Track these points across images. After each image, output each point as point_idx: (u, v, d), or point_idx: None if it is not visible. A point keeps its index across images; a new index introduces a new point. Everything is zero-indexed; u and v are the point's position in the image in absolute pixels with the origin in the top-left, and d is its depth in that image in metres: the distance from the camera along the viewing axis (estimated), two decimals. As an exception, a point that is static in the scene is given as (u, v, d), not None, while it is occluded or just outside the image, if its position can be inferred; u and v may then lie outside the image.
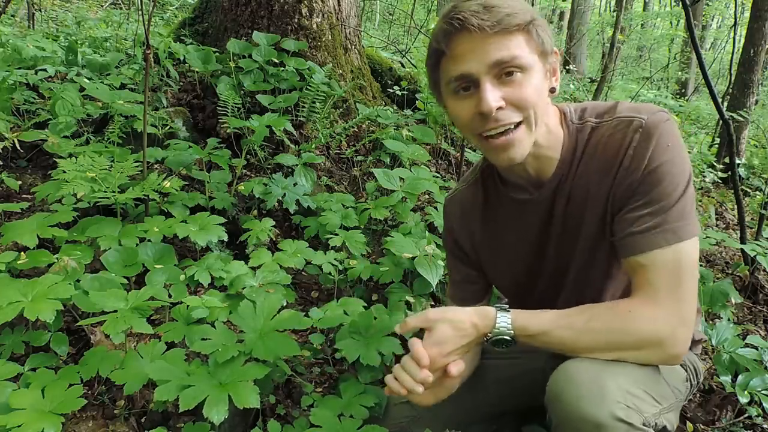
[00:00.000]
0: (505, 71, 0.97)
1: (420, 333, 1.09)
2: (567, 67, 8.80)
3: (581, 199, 1.09)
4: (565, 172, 1.10)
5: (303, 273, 2.09)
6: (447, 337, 1.05)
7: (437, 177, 2.55)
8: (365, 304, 1.73)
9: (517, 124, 1.01)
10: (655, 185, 1.00)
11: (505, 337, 1.04)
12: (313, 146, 2.57)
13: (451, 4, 0.99)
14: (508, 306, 1.07)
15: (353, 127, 2.79)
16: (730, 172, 2.96)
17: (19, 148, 2.19)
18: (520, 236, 1.21)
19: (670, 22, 15.02)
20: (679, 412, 1.19)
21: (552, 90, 1.06)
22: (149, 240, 1.77)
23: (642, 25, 15.93)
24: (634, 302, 1.02)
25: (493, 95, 0.97)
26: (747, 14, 5.34)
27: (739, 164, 4.33)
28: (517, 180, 1.16)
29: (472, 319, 1.05)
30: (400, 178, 2.28)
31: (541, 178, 1.12)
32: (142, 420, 1.43)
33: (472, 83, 0.99)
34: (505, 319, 1.04)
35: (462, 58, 0.98)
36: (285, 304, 1.70)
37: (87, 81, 2.52)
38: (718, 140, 4.70)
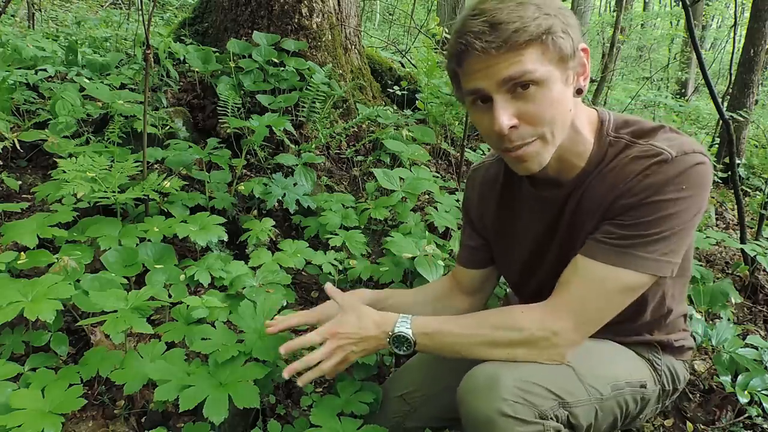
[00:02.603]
0: (519, 85, 0.95)
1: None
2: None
3: (588, 208, 1.10)
4: (583, 180, 1.10)
5: (303, 273, 2.09)
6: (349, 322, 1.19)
7: (437, 177, 2.55)
8: (365, 304, 1.72)
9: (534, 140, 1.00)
10: (645, 216, 0.99)
11: (405, 334, 1.12)
12: (313, 146, 2.57)
13: (460, 18, 0.97)
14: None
15: (353, 127, 2.79)
16: (730, 172, 2.96)
17: (19, 148, 2.18)
18: (529, 226, 1.22)
19: (670, 22, 15.02)
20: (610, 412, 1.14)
21: (579, 91, 1.03)
22: (149, 240, 1.76)
23: (642, 25, 15.92)
24: (534, 305, 1.09)
25: (505, 114, 0.96)
26: (747, 14, 5.33)
27: (739, 164, 4.33)
28: (537, 174, 1.16)
29: (374, 317, 1.17)
30: (400, 178, 2.28)
31: (561, 179, 1.13)
32: (142, 420, 1.44)
33: (488, 97, 0.99)
34: (406, 320, 1.14)
35: (473, 76, 0.97)
36: (285, 304, 1.69)
37: (87, 81, 2.52)
38: (718, 140, 4.70)
